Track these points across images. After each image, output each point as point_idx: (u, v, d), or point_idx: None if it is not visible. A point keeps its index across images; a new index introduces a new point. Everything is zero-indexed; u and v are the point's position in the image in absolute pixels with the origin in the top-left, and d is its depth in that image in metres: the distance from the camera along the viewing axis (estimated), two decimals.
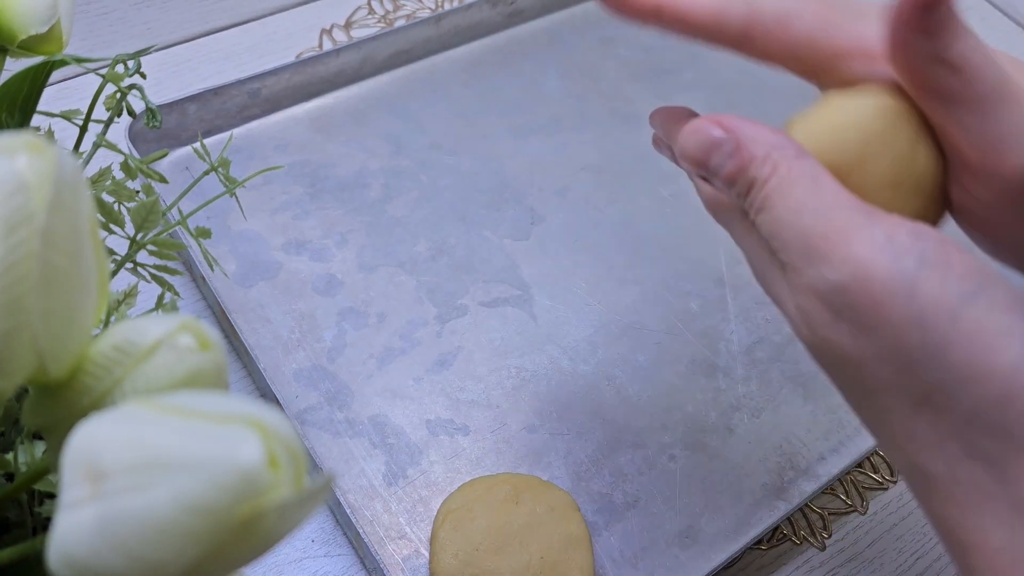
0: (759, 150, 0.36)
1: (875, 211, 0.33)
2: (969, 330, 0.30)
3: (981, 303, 0.31)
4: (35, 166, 0.23)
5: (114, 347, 0.26)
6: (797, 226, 0.34)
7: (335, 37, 0.82)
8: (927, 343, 0.31)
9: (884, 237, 0.32)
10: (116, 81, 0.41)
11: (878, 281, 0.31)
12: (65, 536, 0.22)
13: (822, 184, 0.34)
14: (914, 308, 0.31)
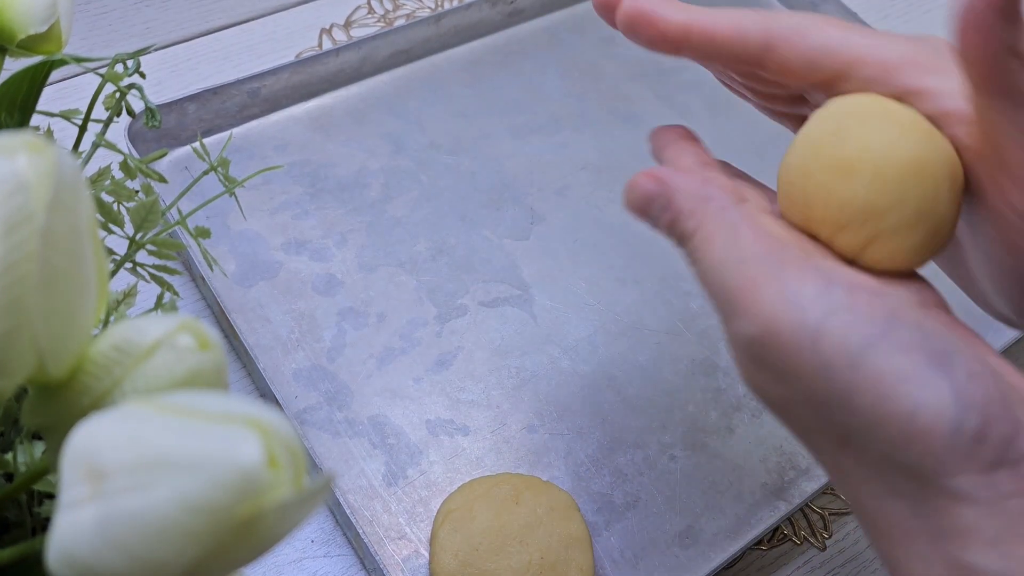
0: (686, 204, 0.38)
1: (787, 259, 0.34)
2: (870, 376, 0.31)
3: (882, 348, 0.31)
4: (35, 166, 0.23)
5: (114, 347, 0.26)
6: (718, 280, 0.36)
7: (335, 37, 0.82)
8: (834, 390, 0.32)
9: (792, 289, 0.33)
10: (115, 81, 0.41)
11: (785, 334, 0.33)
12: (65, 536, 0.22)
13: (740, 235, 0.36)
14: (819, 358, 0.32)
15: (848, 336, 0.31)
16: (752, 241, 0.35)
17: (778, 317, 0.33)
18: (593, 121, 0.78)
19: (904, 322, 0.32)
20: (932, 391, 0.30)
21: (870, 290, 0.33)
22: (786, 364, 0.33)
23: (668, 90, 0.82)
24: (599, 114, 0.79)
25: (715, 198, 0.37)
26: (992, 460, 0.30)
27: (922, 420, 0.30)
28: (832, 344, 0.32)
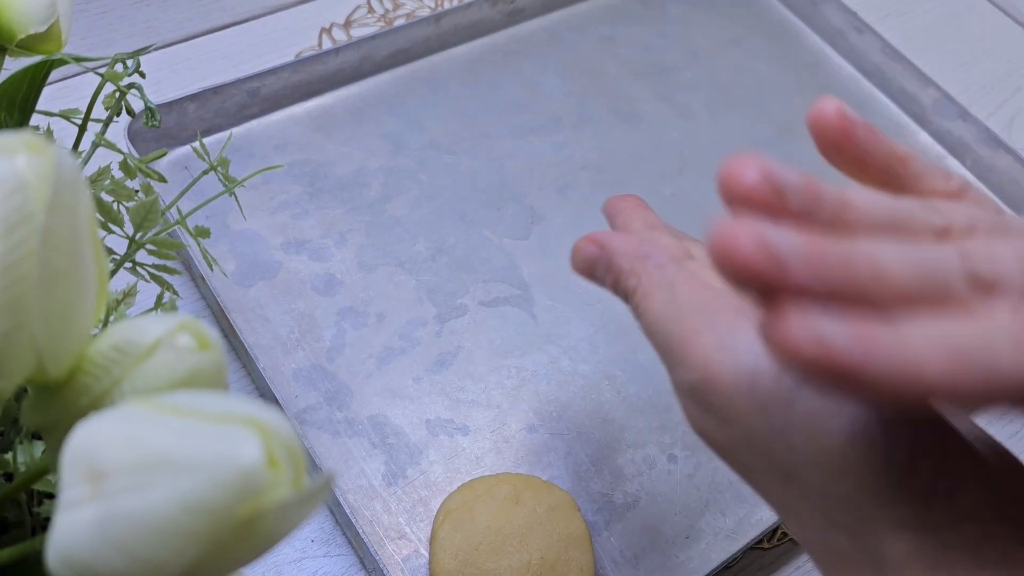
0: (625, 263, 0.40)
1: (721, 308, 0.36)
2: (804, 413, 0.32)
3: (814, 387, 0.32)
4: (34, 165, 0.23)
5: (113, 347, 0.26)
6: (660, 332, 0.38)
7: (334, 36, 0.82)
8: (772, 429, 0.33)
9: (727, 336, 0.34)
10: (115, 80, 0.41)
11: (723, 379, 0.34)
12: (64, 536, 0.22)
13: (677, 290, 0.37)
14: (756, 400, 0.33)
15: (781, 377, 0.33)
16: (688, 294, 0.37)
17: (715, 364, 0.34)
18: (593, 120, 0.78)
19: None
20: (862, 425, 0.31)
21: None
22: (727, 407, 0.34)
23: (668, 89, 0.82)
24: (599, 113, 0.79)
25: (652, 256, 0.40)
26: (925, 491, 0.31)
27: (854, 453, 0.31)
28: (767, 386, 0.33)
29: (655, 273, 0.39)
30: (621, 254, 0.41)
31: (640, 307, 0.39)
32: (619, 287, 0.41)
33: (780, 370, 0.32)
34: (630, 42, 0.86)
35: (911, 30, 0.93)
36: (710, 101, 0.82)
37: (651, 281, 0.39)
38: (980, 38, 0.94)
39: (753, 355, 0.33)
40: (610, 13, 0.87)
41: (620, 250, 0.41)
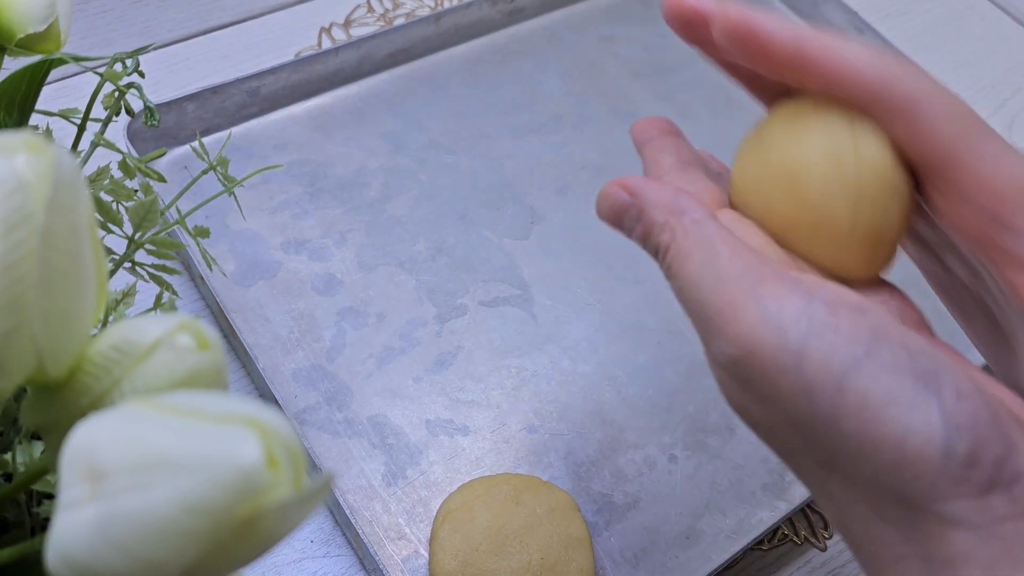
0: (659, 216, 0.36)
1: (766, 276, 0.33)
2: (856, 400, 0.30)
3: (867, 369, 0.30)
4: (34, 165, 0.23)
5: (113, 347, 0.26)
6: (695, 299, 0.34)
7: (334, 36, 0.82)
8: (819, 414, 0.31)
9: (772, 309, 0.32)
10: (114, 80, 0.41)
11: (767, 356, 0.31)
12: (64, 536, 0.22)
13: (717, 251, 0.34)
14: (802, 381, 0.31)
15: (831, 358, 0.31)
16: (729, 258, 0.34)
17: (759, 339, 0.32)
18: (593, 120, 0.78)
19: (888, 340, 0.31)
20: (920, 414, 0.29)
21: (852, 306, 0.32)
22: (769, 387, 0.32)
23: (668, 89, 0.82)
24: (599, 113, 0.79)
25: (689, 211, 0.36)
26: (985, 483, 0.29)
27: (911, 444, 0.29)
28: (815, 366, 0.31)
29: (692, 230, 0.35)
30: (654, 205, 0.37)
31: (673, 268, 0.36)
32: (649, 241, 0.37)
33: (831, 350, 0.31)
34: (630, 42, 0.86)
35: (912, 30, 0.93)
36: (710, 101, 0.81)
37: (687, 239, 0.35)
38: (981, 38, 0.94)
39: (801, 332, 0.31)
40: (610, 12, 0.87)
41: (653, 200, 0.37)
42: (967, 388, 0.30)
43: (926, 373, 0.30)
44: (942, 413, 0.29)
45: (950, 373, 0.30)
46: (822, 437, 0.32)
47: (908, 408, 0.29)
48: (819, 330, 0.31)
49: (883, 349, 0.30)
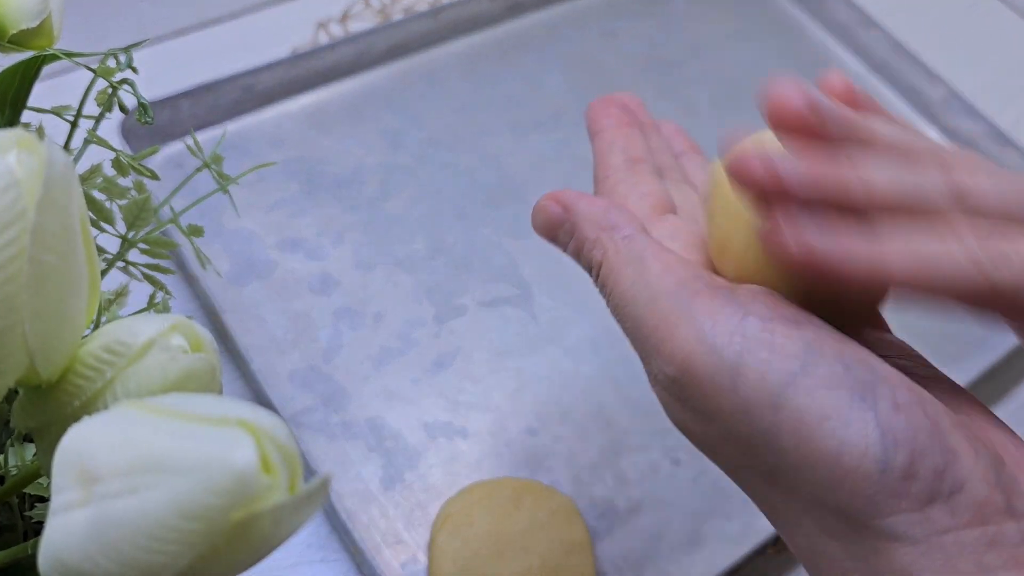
0: (590, 232, 0.37)
1: (698, 291, 0.33)
2: (792, 417, 0.30)
3: (802, 386, 0.30)
4: (26, 163, 0.23)
5: (105, 348, 0.26)
6: (630, 316, 0.35)
7: (331, 31, 0.81)
8: (757, 431, 0.31)
9: (706, 326, 0.32)
10: (107, 76, 0.41)
11: (703, 375, 0.32)
12: (57, 540, 0.22)
13: (648, 267, 0.34)
14: (739, 399, 0.31)
15: (766, 375, 0.30)
16: (660, 273, 0.34)
17: (694, 358, 0.32)
18: None
19: (824, 354, 0.31)
20: (856, 428, 0.29)
21: (786, 319, 0.32)
22: (707, 404, 0.32)
23: (671, 85, 0.82)
24: None
25: (620, 226, 0.36)
26: (924, 496, 0.29)
27: (848, 460, 0.29)
28: (751, 384, 0.31)
29: (623, 246, 0.35)
30: (586, 220, 0.37)
31: (606, 285, 0.36)
32: (582, 257, 0.38)
33: (765, 368, 0.30)
34: (632, 37, 0.85)
35: (919, 26, 0.93)
36: (714, 97, 0.81)
37: (619, 256, 0.35)
38: (989, 35, 0.94)
39: (735, 350, 0.31)
40: (612, 7, 0.87)
41: (585, 215, 0.37)
42: (905, 399, 0.30)
43: (863, 386, 0.30)
44: (878, 426, 0.29)
45: (888, 384, 0.30)
46: (762, 453, 0.32)
47: (844, 423, 0.29)
48: (753, 347, 0.31)
49: (819, 364, 0.30)
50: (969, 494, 0.29)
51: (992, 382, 0.68)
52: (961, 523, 0.29)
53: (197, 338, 0.27)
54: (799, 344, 0.31)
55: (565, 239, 0.39)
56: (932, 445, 0.29)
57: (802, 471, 0.30)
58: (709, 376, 0.31)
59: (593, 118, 0.45)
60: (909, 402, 0.30)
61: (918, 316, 0.41)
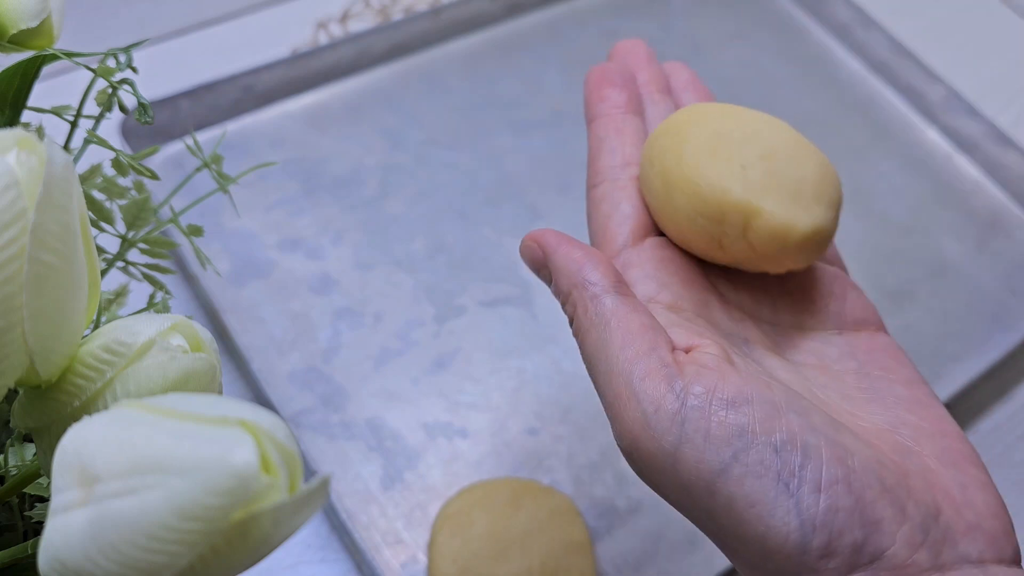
0: (564, 285, 0.39)
1: (649, 371, 0.34)
2: (724, 502, 0.32)
3: (733, 474, 0.32)
4: (25, 162, 0.23)
5: (105, 348, 0.26)
6: (595, 379, 0.36)
7: (330, 31, 0.81)
8: (696, 508, 0.33)
9: (649, 411, 0.33)
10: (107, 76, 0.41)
11: (646, 455, 0.33)
12: (56, 540, 0.22)
13: (610, 336, 0.36)
14: (679, 481, 0.33)
15: (701, 464, 0.32)
16: (619, 347, 0.35)
17: (639, 439, 0.33)
18: None
19: (755, 441, 0.32)
20: (778, 515, 0.31)
21: (726, 402, 0.33)
22: (653, 479, 0.34)
23: None
24: None
25: (590, 284, 0.37)
26: (844, 568, 0.31)
27: (771, 542, 0.31)
28: (688, 470, 0.32)
29: (591, 306, 0.37)
30: (560, 271, 0.39)
31: (577, 341, 0.38)
32: (560, 303, 0.40)
33: (700, 457, 0.32)
34: (632, 36, 0.85)
35: (919, 26, 0.92)
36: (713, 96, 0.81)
37: (586, 316, 0.37)
38: (989, 35, 0.94)
39: (675, 438, 0.33)
40: (612, 6, 0.87)
41: (560, 266, 0.39)
42: (830, 477, 0.32)
43: (789, 471, 0.32)
44: (799, 515, 0.31)
45: (816, 463, 0.32)
46: (704, 523, 0.34)
47: (769, 511, 0.31)
48: (690, 435, 0.32)
49: (750, 452, 0.32)
50: (890, 560, 0.31)
51: (992, 381, 0.68)
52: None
53: (197, 338, 0.27)
54: (733, 430, 0.32)
55: (547, 280, 0.41)
56: (852, 523, 0.31)
57: (736, 542, 0.33)
58: (652, 457, 0.33)
59: (589, 98, 0.46)
60: (834, 480, 0.32)
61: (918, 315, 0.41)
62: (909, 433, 0.36)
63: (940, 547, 0.32)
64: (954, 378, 0.65)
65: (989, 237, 0.76)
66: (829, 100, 0.84)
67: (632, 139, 0.44)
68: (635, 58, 0.48)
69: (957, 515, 0.33)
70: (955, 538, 0.32)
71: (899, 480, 0.33)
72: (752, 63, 0.86)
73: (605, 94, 0.45)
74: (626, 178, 0.42)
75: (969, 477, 0.34)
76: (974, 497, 0.34)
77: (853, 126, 0.82)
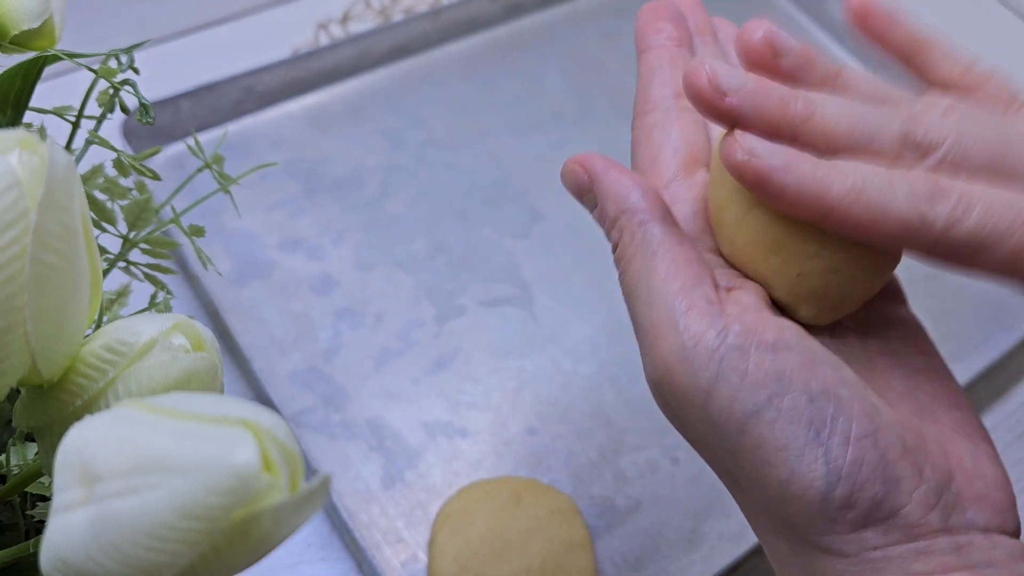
0: (611, 210, 0.37)
1: (692, 304, 0.34)
2: (753, 443, 0.32)
3: (765, 417, 0.32)
4: (27, 163, 0.23)
5: (106, 347, 0.26)
6: (632, 309, 0.36)
7: (331, 32, 0.81)
8: (721, 446, 0.34)
9: (688, 344, 0.33)
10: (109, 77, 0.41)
11: (680, 388, 0.33)
12: (58, 540, 0.22)
13: (655, 266, 0.35)
14: (708, 417, 0.33)
15: (734, 402, 0.32)
16: (664, 274, 0.35)
17: (675, 371, 0.33)
18: (595, 117, 0.78)
19: (791, 387, 0.32)
20: (806, 463, 0.32)
21: (764, 346, 0.33)
22: (681, 412, 0.34)
23: None
24: (601, 109, 0.79)
25: (638, 211, 0.36)
26: (860, 522, 0.32)
27: (795, 487, 0.32)
28: (720, 408, 0.33)
29: (638, 234, 0.36)
30: (607, 196, 0.38)
31: (619, 267, 0.38)
32: (603, 229, 0.39)
33: (735, 395, 0.32)
34: (631, 37, 0.85)
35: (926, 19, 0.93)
36: None
37: (632, 243, 0.36)
38: (986, 36, 0.94)
39: (711, 373, 0.33)
40: (611, 7, 0.87)
41: (607, 191, 0.38)
42: (859, 431, 0.32)
43: (821, 420, 0.32)
44: (826, 463, 0.32)
45: (847, 415, 0.32)
46: (725, 461, 0.34)
47: (797, 456, 0.32)
48: (727, 373, 0.32)
49: (784, 396, 0.32)
50: (904, 518, 0.32)
51: (991, 381, 0.68)
52: (891, 541, 0.32)
53: (198, 337, 0.27)
54: (770, 375, 0.32)
55: (590, 206, 0.40)
56: (875, 477, 0.32)
57: (756, 484, 0.33)
58: (684, 391, 0.33)
59: (641, 30, 0.45)
60: (862, 435, 0.32)
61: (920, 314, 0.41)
62: (926, 400, 0.36)
63: (950, 512, 0.32)
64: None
65: None
66: None
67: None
68: (685, 1, 0.46)
69: (968, 484, 0.33)
70: (964, 505, 0.33)
71: (918, 443, 0.33)
72: None
73: (659, 26, 0.44)
74: (678, 109, 0.41)
75: (980, 449, 0.35)
76: (984, 468, 0.34)
77: None
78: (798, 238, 0.35)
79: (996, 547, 0.32)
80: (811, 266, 0.36)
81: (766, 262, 0.36)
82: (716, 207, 0.38)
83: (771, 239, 0.36)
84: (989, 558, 0.32)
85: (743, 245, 0.37)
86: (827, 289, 0.36)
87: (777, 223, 0.35)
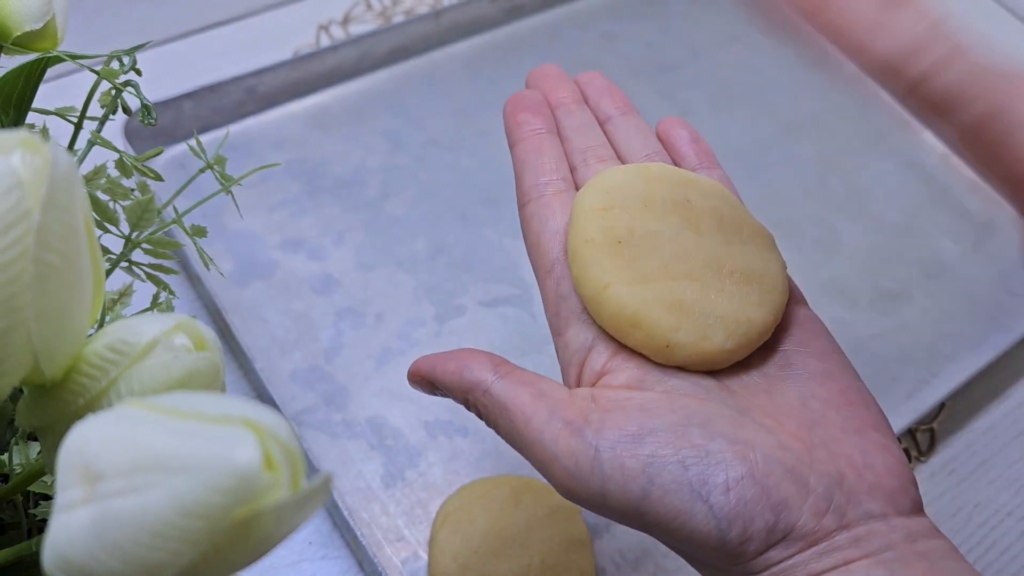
0: (457, 397, 0.43)
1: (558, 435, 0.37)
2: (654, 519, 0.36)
3: (654, 497, 0.36)
4: (30, 163, 0.23)
5: (109, 347, 0.26)
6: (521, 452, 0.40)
7: (332, 33, 0.81)
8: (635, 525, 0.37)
9: (571, 467, 0.37)
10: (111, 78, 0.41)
11: (582, 498, 0.37)
12: (60, 538, 0.22)
13: (513, 419, 0.39)
14: (614, 510, 0.37)
15: (626, 494, 0.36)
16: (524, 423, 0.39)
17: (572, 488, 0.37)
18: None
19: (665, 464, 0.36)
20: (698, 518, 0.35)
21: (631, 438, 0.36)
22: (595, 510, 0.38)
23: (669, 87, 0.82)
24: None
25: (476, 385, 0.42)
26: (761, 547, 0.35)
27: (697, 539, 0.35)
28: (617, 502, 0.36)
29: (484, 401, 0.41)
30: (448, 387, 0.43)
31: (492, 429, 0.41)
32: (465, 408, 0.43)
33: (623, 490, 0.36)
34: (631, 39, 0.85)
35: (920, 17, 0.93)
36: (712, 99, 0.81)
37: (487, 410, 0.41)
38: (986, 36, 0.94)
39: (598, 479, 0.36)
40: (611, 9, 0.87)
41: (446, 383, 0.43)
42: (735, 475, 0.35)
43: (699, 481, 0.36)
44: (714, 513, 0.35)
45: (719, 468, 0.36)
46: (644, 531, 0.38)
47: (689, 516, 0.35)
48: (610, 474, 0.36)
49: (662, 474, 0.36)
50: (799, 530, 0.35)
51: (989, 380, 0.68)
52: (793, 552, 0.35)
53: (201, 337, 0.27)
54: (643, 461, 0.36)
55: (445, 397, 0.44)
56: (761, 509, 0.35)
57: (672, 544, 0.37)
58: (587, 499, 0.37)
59: (507, 126, 0.49)
60: (739, 477, 0.35)
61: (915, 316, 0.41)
62: (818, 406, 0.39)
63: (845, 509, 0.35)
64: (950, 378, 0.65)
65: (985, 238, 0.76)
66: (826, 102, 0.84)
67: (550, 155, 0.47)
68: (547, 80, 0.51)
69: (859, 478, 0.36)
70: (859, 498, 0.36)
71: (800, 458, 0.36)
72: (749, 65, 0.86)
73: (521, 119, 0.48)
74: (550, 194, 0.45)
75: (870, 442, 0.38)
76: (874, 460, 0.37)
77: (850, 128, 0.82)
78: (657, 314, 0.39)
79: (894, 531, 0.35)
80: (677, 338, 0.39)
81: (632, 337, 0.39)
82: (577, 285, 0.41)
83: (629, 315, 0.39)
84: (887, 543, 0.35)
85: (607, 320, 0.40)
86: (705, 355, 0.39)
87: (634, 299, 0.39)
